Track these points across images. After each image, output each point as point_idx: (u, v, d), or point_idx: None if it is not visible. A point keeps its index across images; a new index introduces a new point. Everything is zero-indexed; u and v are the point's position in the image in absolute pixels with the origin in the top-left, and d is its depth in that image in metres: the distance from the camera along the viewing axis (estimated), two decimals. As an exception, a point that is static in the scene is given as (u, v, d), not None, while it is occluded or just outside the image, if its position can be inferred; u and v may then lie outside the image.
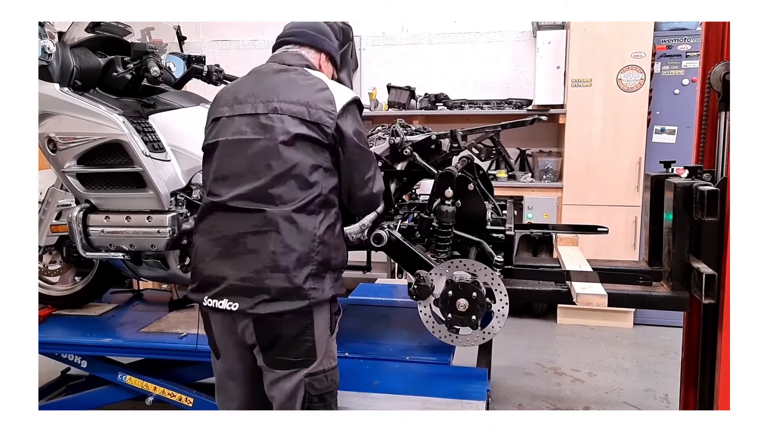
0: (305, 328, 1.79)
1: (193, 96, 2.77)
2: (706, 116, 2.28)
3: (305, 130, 1.79)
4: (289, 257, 1.74)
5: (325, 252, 1.81)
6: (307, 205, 1.78)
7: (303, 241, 1.76)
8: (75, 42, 2.50)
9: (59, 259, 2.93)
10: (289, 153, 1.77)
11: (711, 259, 2.06)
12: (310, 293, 1.76)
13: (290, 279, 1.74)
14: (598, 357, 4.01)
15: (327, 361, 1.86)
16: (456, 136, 2.43)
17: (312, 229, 1.78)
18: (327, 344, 1.85)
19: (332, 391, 1.88)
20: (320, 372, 1.83)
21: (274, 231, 1.74)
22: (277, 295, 1.74)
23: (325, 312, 1.85)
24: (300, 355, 1.80)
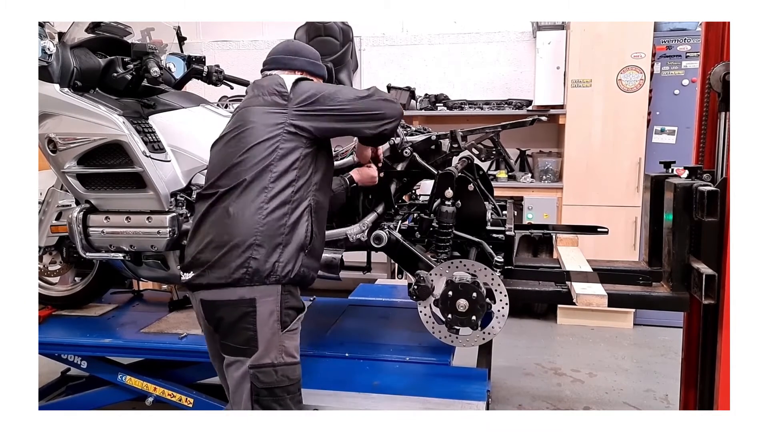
0: (245, 315, 1.83)
1: (193, 96, 2.76)
2: (706, 117, 2.28)
3: (263, 111, 1.93)
4: (234, 229, 1.84)
5: (274, 227, 1.85)
6: (259, 185, 1.87)
7: (250, 215, 1.84)
8: (75, 42, 2.50)
9: (59, 260, 2.93)
10: (247, 136, 1.91)
11: (711, 259, 2.06)
12: (249, 262, 1.81)
13: (231, 246, 1.82)
14: (598, 357, 4.01)
15: (277, 355, 1.85)
16: (456, 137, 2.43)
17: (261, 204, 1.85)
18: (275, 337, 1.85)
19: (286, 387, 1.86)
20: (267, 365, 1.84)
21: (226, 208, 1.87)
22: (218, 263, 1.83)
23: (271, 303, 1.84)
24: (240, 342, 1.85)
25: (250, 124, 1.93)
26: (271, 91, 1.95)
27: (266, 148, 1.89)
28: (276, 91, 1.94)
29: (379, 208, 2.48)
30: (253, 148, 1.89)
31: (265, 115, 1.92)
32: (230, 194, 1.88)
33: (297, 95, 1.93)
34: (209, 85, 2.95)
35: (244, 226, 1.83)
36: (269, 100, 1.94)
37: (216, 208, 1.90)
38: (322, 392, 2.20)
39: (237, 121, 1.98)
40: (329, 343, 2.65)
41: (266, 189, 1.86)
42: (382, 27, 5.35)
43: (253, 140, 1.90)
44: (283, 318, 1.86)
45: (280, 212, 1.86)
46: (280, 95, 1.93)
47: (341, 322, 2.94)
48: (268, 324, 1.84)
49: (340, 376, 2.36)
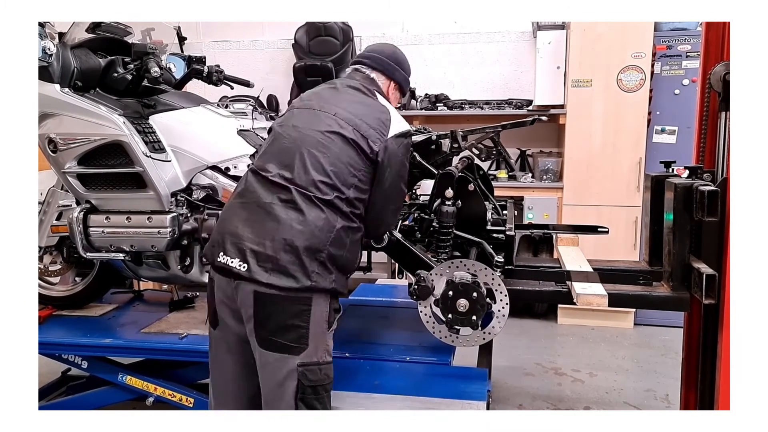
0: (301, 312, 1.82)
1: (193, 96, 2.77)
2: (707, 116, 2.28)
3: (353, 136, 1.92)
4: (305, 238, 1.81)
5: (338, 248, 1.86)
6: (335, 201, 1.86)
7: (322, 229, 1.83)
8: (75, 42, 2.50)
9: (60, 260, 2.93)
10: (333, 148, 1.90)
11: (711, 259, 2.06)
12: (313, 276, 1.81)
13: (300, 257, 1.80)
14: (598, 357, 4.01)
15: (322, 354, 1.87)
16: (456, 137, 2.43)
17: (333, 222, 1.85)
18: (322, 336, 1.87)
19: (326, 385, 1.89)
20: (314, 363, 1.85)
21: (300, 210, 1.83)
22: (284, 267, 1.79)
23: (324, 303, 1.87)
24: (292, 339, 1.82)
25: (342, 129, 1.92)
26: (369, 120, 1.97)
27: (351, 169, 1.90)
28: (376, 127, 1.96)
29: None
30: (336, 162, 1.88)
31: (359, 137, 1.92)
32: (306, 194, 1.84)
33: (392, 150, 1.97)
34: (209, 85, 2.95)
35: (316, 240, 1.82)
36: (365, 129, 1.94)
37: (280, 199, 1.85)
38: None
39: (327, 116, 1.96)
40: (329, 343, 2.65)
41: (340, 211, 1.87)
42: (383, 27, 5.35)
43: (336, 154, 1.89)
44: (330, 318, 1.90)
45: (345, 235, 1.88)
46: (378, 132, 1.96)
47: (342, 322, 2.92)
48: (319, 323, 1.86)
49: (341, 375, 2.35)
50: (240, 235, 1.84)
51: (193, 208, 2.57)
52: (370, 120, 1.97)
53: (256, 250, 1.80)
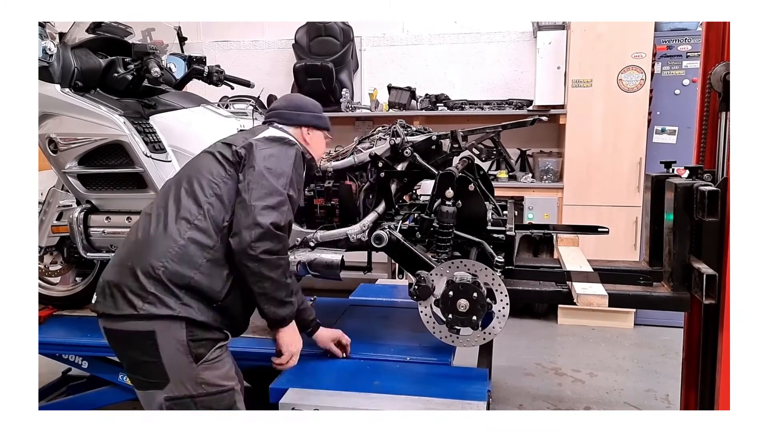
0: (145, 347, 1.72)
1: (193, 97, 2.77)
2: (707, 116, 2.28)
3: (216, 150, 1.94)
4: (142, 256, 1.74)
5: (186, 266, 1.74)
6: (186, 215, 1.79)
7: (162, 243, 1.75)
8: (76, 43, 2.50)
9: (60, 260, 2.93)
10: (195, 165, 1.93)
11: (712, 259, 2.06)
12: (149, 299, 1.70)
13: (137, 278, 1.72)
14: (598, 357, 4.01)
15: (193, 387, 1.76)
16: (456, 137, 2.43)
17: (178, 235, 1.76)
18: (185, 369, 1.74)
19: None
20: (185, 397, 1.75)
21: (145, 229, 1.80)
22: (115, 293, 1.73)
23: (175, 333, 1.72)
24: (146, 375, 1.75)
25: (211, 149, 1.98)
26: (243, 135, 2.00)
27: (214, 178, 1.89)
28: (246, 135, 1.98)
29: (379, 208, 2.48)
30: (202, 172, 1.92)
31: (223, 146, 1.95)
32: (157, 214, 1.86)
33: (262, 141, 1.93)
34: (210, 85, 2.96)
35: (150, 255, 1.78)
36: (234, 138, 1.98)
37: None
38: (322, 392, 2.19)
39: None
40: (330, 343, 2.65)
41: (199, 221, 1.82)
42: (383, 27, 5.35)
43: (204, 168, 1.93)
44: (194, 351, 1.75)
45: (196, 250, 1.79)
46: (243, 137, 1.97)
47: (342, 322, 2.93)
48: (174, 356, 1.73)
49: (341, 376, 2.35)
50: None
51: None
52: (245, 135, 1.99)
53: (109, 281, 1.79)
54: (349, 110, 5.01)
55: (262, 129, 2.05)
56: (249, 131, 2.07)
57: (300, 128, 2.14)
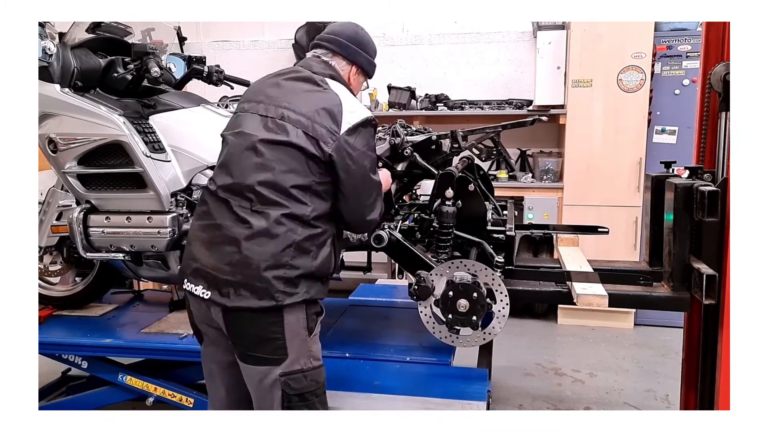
0: (273, 325, 1.78)
1: (193, 96, 2.76)
2: (707, 117, 2.28)
3: (302, 142, 1.80)
4: (263, 258, 1.74)
5: (303, 260, 1.79)
6: (291, 213, 1.78)
7: (280, 245, 1.76)
8: (76, 43, 2.50)
9: (60, 260, 2.93)
10: (283, 156, 1.79)
11: (712, 259, 2.06)
12: (279, 296, 1.75)
13: (261, 279, 1.74)
14: (598, 357, 4.01)
15: (305, 361, 1.83)
16: (456, 137, 2.43)
17: (291, 236, 1.77)
18: (302, 344, 1.82)
19: (314, 390, 1.85)
20: (297, 371, 1.81)
21: (254, 230, 1.76)
22: (246, 291, 1.75)
23: (299, 312, 1.81)
24: (269, 352, 1.79)
25: (291, 137, 1.79)
26: (318, 117, 1.82)
27: (308, 174, 1.80)
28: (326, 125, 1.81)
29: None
30: (285, 168, 1.78)
31: (308, 142, 1.79)
32: (259, 211, 1.76)
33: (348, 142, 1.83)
34: (210, 85, 2.95)
35: (274, 257, 1.75)
36: (316, 130, 1.80)
37: (233, 216, 1.79)
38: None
39: (275, 124, 1.82)
40: (330, 344, 2.64)
41: (298, 219, 1.78)
42: (383, 27, 5.35)
43: (285, 160, 1.79)
44: (309, 324, 1.85)
45: (309, 244, 1.80)
46: (330, 131, 1.81)
47: (342, 322, 2.94)
48: (296, 332, 1.81)
49: (341, 376, 2.36)
50: (200, 260, 1.82)
51: (193, 209, 2.57)
52: (320, 117, 1.82)
53: (216, 276, 1.78)
54: (349, 110, 5.00)
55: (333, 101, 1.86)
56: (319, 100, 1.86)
57: (351, 66, 2.04)
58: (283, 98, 1.87)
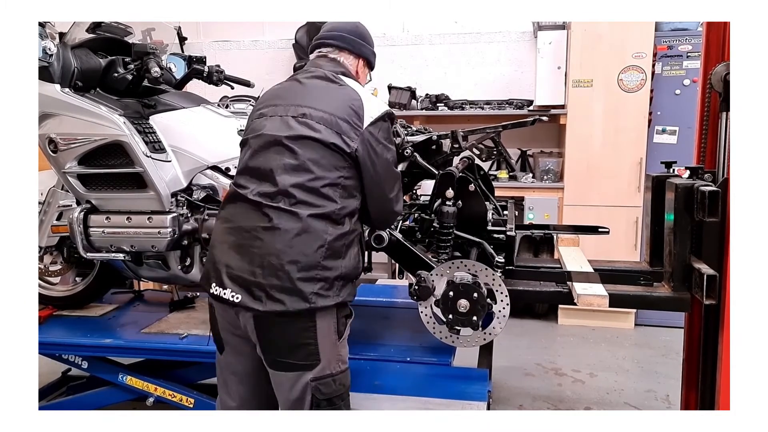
0: (306, 330, 1.76)
1: (193, 96, 2.76)
2: (708, 117, 2.28)
3: (327, 138, 1.79)
4: (295, 259, 1.72)
5: (335, 260, 1.78)
6: (321, 211, 1.76)
7: (312, 245, 1.74)
8: (76, 43, 2.50)
9: (60, 260, 2.93)
10: (309, 155, 1.78)
11: (712, 259, 2.06)
12: (312, 298, 1.73)
13: (293, 280, 1.71)
14: (599, 358, 4.00)
15: (335, 365, 1.82)
16: (457, 137, 2.43)
17: (323, 236, 1.76)
18: (333, 348, 1.81)
19: (341, 394, 1.84)
20: (327, 376, 1.80)
21: (284, 230, 1.73)
22: (279, 294, 1.72)
23: (330, 316, 1.80)
24: (302, 358, 1.77)
25: (315, 133, 1.79)
26: (340, 111, 1.82)
27: (335, 170, 1.79)
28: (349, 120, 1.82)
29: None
30: (315, 169, 1.77)
31: (333, 135, 1.79)
32: (289, 211, 1.74)
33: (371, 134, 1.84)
34: (210, 85, 2.95)
35: (307, 258, 1.73)
36: (337, 124, 1.80)
37: (263, 219, 1.76)
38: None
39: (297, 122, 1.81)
40: (330, 344, 2.64)
41: (330, 219, 1.77)
42: (383, 27, 5.35)
43: (315, 160, 1.78)
44: (340, 327, 1.84)
45: (339, 244, 1.79)
46: (353, 126, 1.82)
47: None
48: (328, 336, 1.80)
49: (341, 376, 2.35)
50: (229, 264, 1.78)
51: (193, 209, 2.57)
52: (342, 112, 1.82)
53: (247, 279, 1.74)
54: (350, 110, 5.00)
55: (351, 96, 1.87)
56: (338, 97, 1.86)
57: (359, 59, 2.06)
58: (301, 98, 1.87)
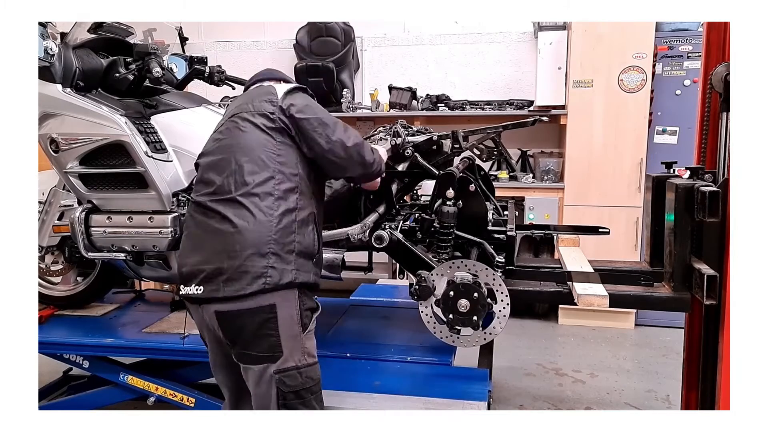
0: (266, 321, 1.81)
1: (194, 97, 2.77)
2: (708, 117, 2.28)
3: (255, 120, 1.93)
4: (244, 239, 1.81)
5: (285, 236, 1.85)
6: (262, 191, 1.85)
7: (259, 223, 1.83)
8: (77, 43, 2.50)
9: (61, 260, 2.93)
10: (242, 143, 1.91)
11: (712, 259, 2.06)
12: (267, 272, 1.79)
13: (245, 257, 1.79)
14: (599, 358, 4.01)
15: (300, 357, 1.85)
16: (457, 137, 2.43)
17: (268, 213, 1.84)
18: (296, 340, 1.85)
19: (310, 387, 1.87)
20: (292, 368, 1.84)
21: (233, 217, 1.84)
22: (233, 275, 1.79)
23: (291, 306, 1.84)
24: (264, 350, 1.83)
25: (244, 129, 1.93)
26: (260, 99, 1.98)
27: (266, 155, 1.89)
28: (267, 100, 1.96)
29: (380, 209, 2.48)
30: (251, 153, 1.89)
31: (258, 117, 1.93)
32: (230, 203, 1.85)
33: (288, 102, 1.95)
34: (211, 85, 2.96)
35: (257, 234, 1.81)
36: (258, 107, 1.95)
37: (214, 216, 1.87)
38: (323, 392, 2.20)
39: (228, 128, 1.98)
40: (331, 343, 2.65)
41: (272, 196, 1.85)
42: (384, 27, 5.35)
43: (249, 146, 1.90)
44: (303, 320, 1.87)
45: (288, 220, 1.86)
46: (270, 102, 1.95)
47: (342, 322, 2.94)
48: (290, 327, 1.84)
49: (342, 376, 2.36)
50: (189, 263, 1.88)
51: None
52: (260, 98, 1.98)
53: (205, 269, 1.83)
54: (350, 110, 5.01)
55: (266, 90, 2.03)
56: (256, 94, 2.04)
57: (279, 82, 2.18)
58: (240, 104, 2.05)
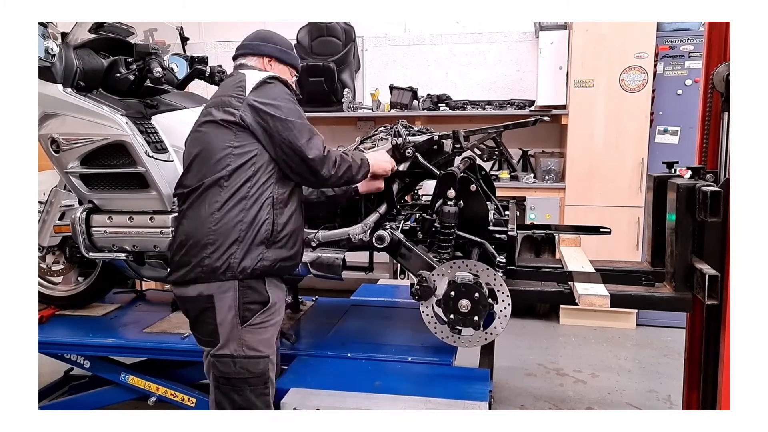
0: (204, 310, 1.95)
1: (195, 97, 2.77)
2: (709, 117, 2.27)
3: (216, 116, 1.96)
4: (190, 230, 1.95)
5: (230, 226, 1.91)
6: (213, 183, 1.93)
7: (204, 215, 1.93)
8: (78, 43, 2.50)
9: (62, 260, 2.94)
10: (203, 138, 1.98)
11: (714, 259, 2.06)
12: (203, 261, 1.91)
13: (189, 247, 1.94)
14: (600, 358, 4.00)
15: (236, 348, 1.95)
16: (458, 137, 2.43)
17: (214, 203, 1.92)
18: (233, 331, 1.95)
19: (246, 379, 1.95)
20: (227, 356, 1.95)
21: (185, 209, 1.99)
22: (177, 263, 1.98)
23: (228, 299, 1.94)
24: (204, 334, 2.00)
25: (207, 119, 1.99)
26: (228, 92, 2.00)
27: (221, 147, 1.94)
28: (233, 93, 1.98)
29: (381, 209, 2.48)
30: (209, 146, 1.95)
31: (220, 112, 1.96)
32: (192, 194, 1.97)
33: (255, 100, 1.95)
34: (212, 85, 2.95)
35: (199, 225, 1.92)
36: (225, 101, 1.97)
37: (182, 208, 2.02)
38: (324, 392, 2.20)
39: (197, 121, 2.05)
40: (331, 344, 2.65)
41: (222, 187, 1.93)
42: (385, 27, 5.35)
43: (208, 139, 1.97)
44: (243, 313, 1.95)
45: (237, 209, 1.92)
46: (237, 96, 1.96)
47: (343, 322, 2.94)
48: (227, 319, 1.95)
49: (342, 376, 2.36)
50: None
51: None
52: (230, 92, 1.99)
53: (171, 257, 2.05)
54: (351, 110, 5.01)
55: (238, 79, 2.03)
56: (228, 85, 2.06)
57: (261, 58, 2.19)
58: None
